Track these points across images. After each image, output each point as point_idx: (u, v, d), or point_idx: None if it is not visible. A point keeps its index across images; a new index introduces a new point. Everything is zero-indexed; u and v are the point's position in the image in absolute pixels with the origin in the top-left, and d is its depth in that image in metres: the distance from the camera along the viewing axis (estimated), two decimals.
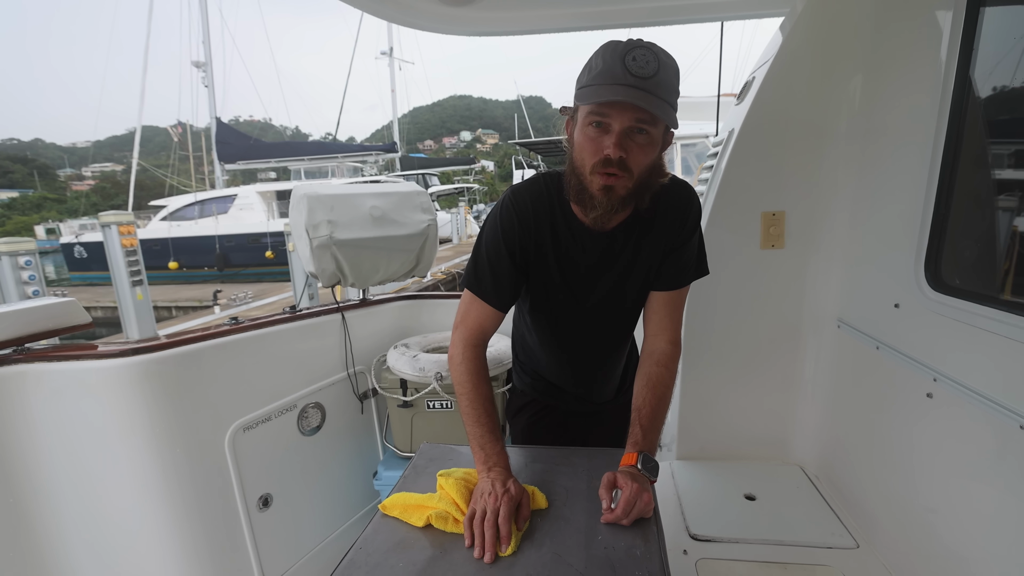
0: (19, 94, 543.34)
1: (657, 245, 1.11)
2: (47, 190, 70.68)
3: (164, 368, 1.45)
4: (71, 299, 1.53)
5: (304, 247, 1.93)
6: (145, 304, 5.74)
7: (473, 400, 1.05)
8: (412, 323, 2.35)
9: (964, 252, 1.15)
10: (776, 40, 1.65)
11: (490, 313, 1.11)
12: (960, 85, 1.10)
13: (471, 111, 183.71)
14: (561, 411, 1.37)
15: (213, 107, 17.42)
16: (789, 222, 1.68)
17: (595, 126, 0.94)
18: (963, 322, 1.06)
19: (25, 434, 1.36)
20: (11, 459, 1.34)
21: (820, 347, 1.69)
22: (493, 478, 0.95)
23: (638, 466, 0.97)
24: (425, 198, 2.20)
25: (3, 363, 1.33)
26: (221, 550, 1.58)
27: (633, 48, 0.89)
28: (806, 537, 1.41)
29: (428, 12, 1.87)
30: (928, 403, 1.16)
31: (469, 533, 0.89)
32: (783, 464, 1.79)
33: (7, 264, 4.66)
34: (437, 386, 1.86)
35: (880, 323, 1.39)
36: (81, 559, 1.44)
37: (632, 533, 0.89)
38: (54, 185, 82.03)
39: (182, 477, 1.48)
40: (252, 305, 9.48)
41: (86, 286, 13.93)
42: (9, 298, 4.70)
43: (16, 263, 4.70)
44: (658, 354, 1.12)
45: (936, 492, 1.17)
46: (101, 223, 5.60)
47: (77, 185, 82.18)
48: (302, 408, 1.87)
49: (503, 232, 1.08)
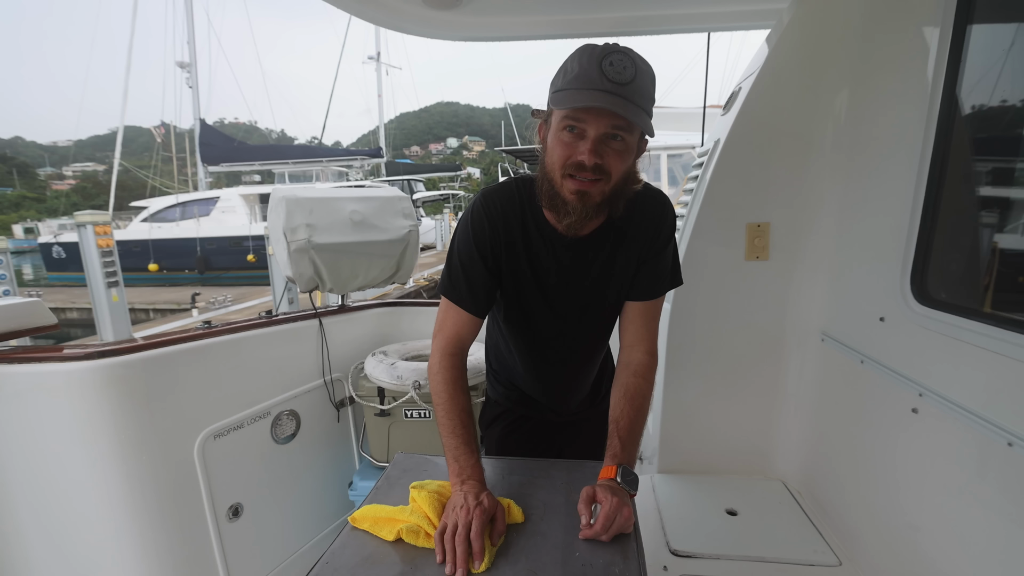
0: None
1: (631, 253, 1.09)
2: (27, 189, 69.46)
3: (131, 372, 1.41)
4: (36, 299, 1.51)
5: (282, 251, 1.89)
6: (120, 306, 5.63)
7: (449, 410, 1.01)
8: (391, 330, 2.31)
9: (951, 265, 1.14)
10: (763, 51, 1.66)
11: (467, 319, 1.08)
12: (947, 99, 1.10)
13: (458, 117, 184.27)
14: (536, 421, 1.34)
15: (197, 108, 17.28)
16: (774, 233, 1.67)
17: (569, 131, 0.92)
18: (950, 336, 1.05)
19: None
20: None
21: (804, 360, 1.68)
22: (466, 491, 0.92)
23: (617, 479, 0.94)
24: (407, 203, 2.18)
25: None
26: (188, 561, 1.54)
27: (610, 53, 0.87)
28: (788, 554, 1.38)
29: (414, 15, 1.85)
30: (913, 418, 1.15)
31: (440, 548, 0.85)
32: (765, 479, 1.77)
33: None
34: (415, 395, 1.82)
35: (865, 337, 1.38)
36: (40, 566, 1.40)
37: (611, 549, 0.86)
38: (34, 184, 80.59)
39: (147, 485, 1.44)
40: (231, 309, 9.33)
41: (63, 286, 13.64)
42: None
43: None
44: (635, 365, 1.10)
45: (921, 509, 1.15)
46: (76, 223, 5.51)
47: (58, 184, 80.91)
48: (276, 415, 1.82)
49: (474, 235, 1.06)
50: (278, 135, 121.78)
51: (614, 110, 0.85)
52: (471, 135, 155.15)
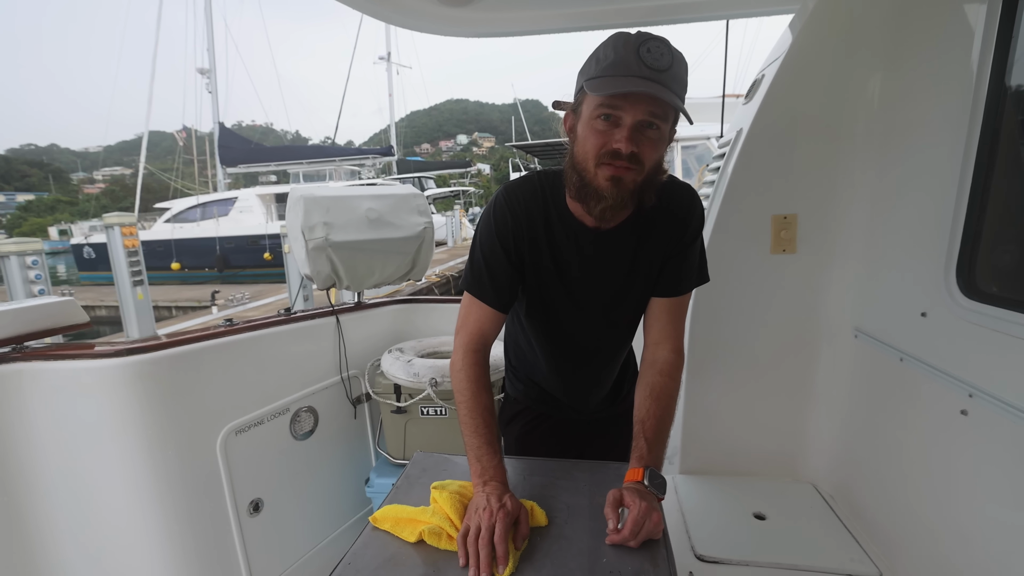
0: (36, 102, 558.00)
1: (658, 248, 1.06)
2: (61, 193, 71.92)
3: (158, 369, 1.44)
4: (70, 298, 1.54)
5: (300, 249, 1.90)
6: (145, 304, 5.77)
7: (472, 409, 0.99)
8: (407, 327, 2.31)
9: (1003, 257, 1.07)
10: (786, 37, 1.60)
11: (490, 315, 1.05)
12: (996, 83, 1.03)
13: (468, 114, 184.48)
14: (555, 420, 1.31)
15: (216, 112, 17.71)
16: (801, 225, 1.61)
17: (604, 119, 0.89)
18: (1002, 332, 0.98)
19: (21, 432, 1.35)
20: (6, 457, 1.34)
21: (835, 357, 1.62)
22: (488, 492, 0.89)
23: (645, 482, 0.91)
24: (422, 201, 2.17)
25: (1, 361, 1.33)
26: (210, 554, 1.56)
27: (647, 40, 0.85)
28: (823, 561, 1.32)
29: (427, 13, 1.83)
30: (962, 420, 1.08)
31: (463, 551, 0.83)
32: (794, 481, 1.71)
33: (15, 263, 4.77)
34: (432, 392, 1.80)
35: (904, 333, 1.31)
36: (71, 557, 1.43)
37: (640, 556, 0.83)
38: (67, 188, 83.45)
39: (173, 479, 1.47)
40: (249, 306, 9.48)
41: (93, 286, 14.06)
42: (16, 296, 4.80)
43: (24, 263, 4.77)
44: (661, 363, 1.06)
45: (971, 518, 1.08)
46: (105, 224, 5.68)
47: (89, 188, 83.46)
48: (295, 412, 1.83)
49: (497, 229, 1.04)
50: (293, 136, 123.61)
51: (656, 95, 0.83)
52: (481, 131, 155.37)
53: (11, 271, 4.73)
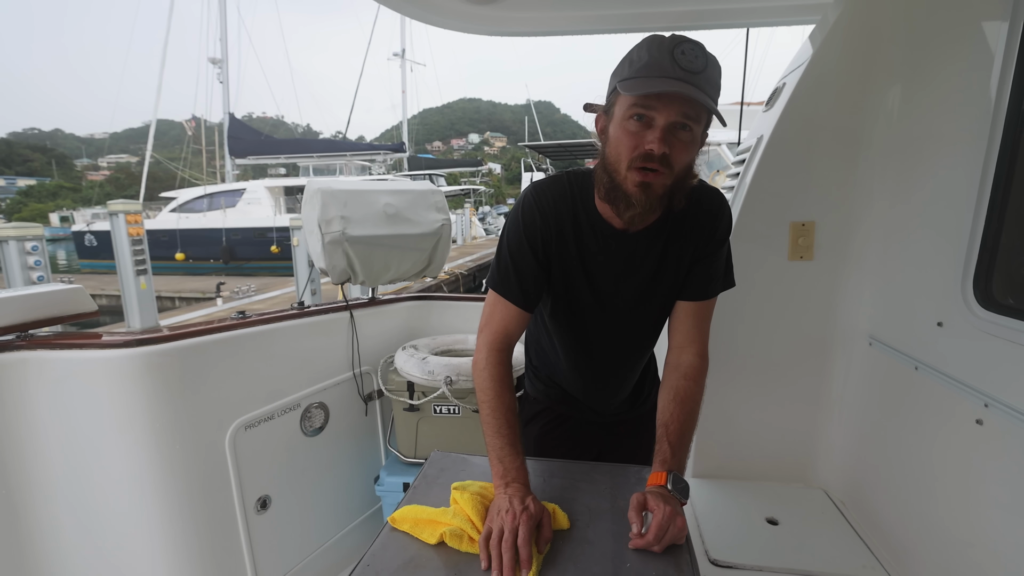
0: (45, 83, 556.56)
1: (685, 251, 1.06)
2: (64, 179, 71.84)
3: (167, 360, 1.41)
4: (78, 286, 1.51)
5: (316, 242, 1.89)
6: (148, 293, 5.75)
7: (495, 409, 0.98)
8: (421, 324, 2.30)
9: (1020, 268, 1.07)
10: (807, 48, 1.61)
11: (515, 314, 1.05)
12: (1016, 98, 1.03)
13: (480, 114, 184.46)
14: (575, 421, 1.30)
15: (227, 103, 17.67)
16: (819, 233, 1.61)
17: (637, 119, 0.89)
18: (1020, 343, 0.99)
19: (24, 422, 1.33)
20: (8, 448, 1.32)
21: (850, 365, 1.62)
22: (511, 494, 0.89)
23: (668, 486, 0.91)
24: (440, 197, 2.17)
25: (5, 349, 1.31)
26: (216, 551, 1.54)
27: (681, 42, 0.86)
28: (835, 568, 1.32)
29: (451, 10, 1.83)
30: (978, 430, 1.08)
31: (485, 554, 0.82)
32: (805, 487, 1.71)
33: (14, 249, 4.72)
34: (447, 390, 1.80)
35: (920, 342, 1.31)
36: (74, 551, 1.41)
37: (664, 561, 0.83)
38: (71, 174, 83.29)
39: (179, 474, 1.44)
40: (254, 299, 9.46)
41: (93, 274, 14.05)
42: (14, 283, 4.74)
43: (23, 248, 4.73)
44: (685, 367, 1.06)
45: (986, 527, 1.08)
46: (109, 211, 5.64)
47: (93, 175, 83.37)
48: (306, 408, 1.82)
49: (524, 227, 1.04)
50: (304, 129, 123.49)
51: (690, 95, 0.84)
52: (493, 131, 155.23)
53: (10, 256, 4.69)
